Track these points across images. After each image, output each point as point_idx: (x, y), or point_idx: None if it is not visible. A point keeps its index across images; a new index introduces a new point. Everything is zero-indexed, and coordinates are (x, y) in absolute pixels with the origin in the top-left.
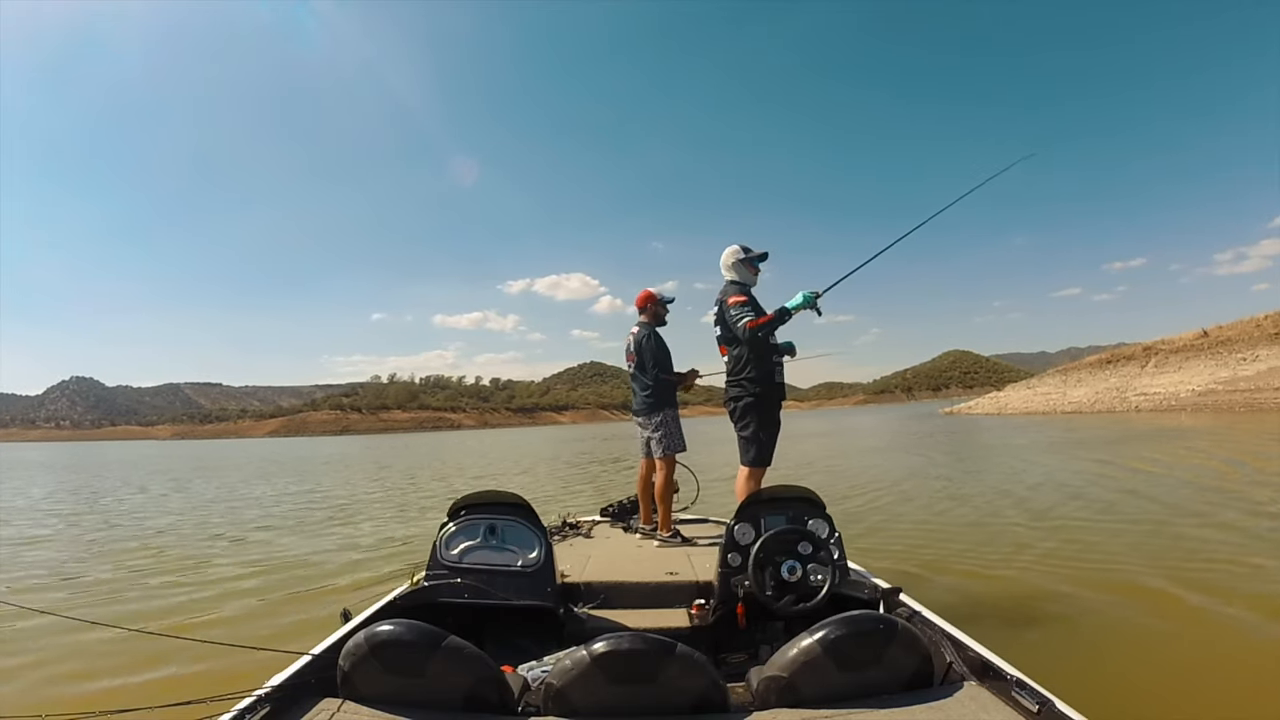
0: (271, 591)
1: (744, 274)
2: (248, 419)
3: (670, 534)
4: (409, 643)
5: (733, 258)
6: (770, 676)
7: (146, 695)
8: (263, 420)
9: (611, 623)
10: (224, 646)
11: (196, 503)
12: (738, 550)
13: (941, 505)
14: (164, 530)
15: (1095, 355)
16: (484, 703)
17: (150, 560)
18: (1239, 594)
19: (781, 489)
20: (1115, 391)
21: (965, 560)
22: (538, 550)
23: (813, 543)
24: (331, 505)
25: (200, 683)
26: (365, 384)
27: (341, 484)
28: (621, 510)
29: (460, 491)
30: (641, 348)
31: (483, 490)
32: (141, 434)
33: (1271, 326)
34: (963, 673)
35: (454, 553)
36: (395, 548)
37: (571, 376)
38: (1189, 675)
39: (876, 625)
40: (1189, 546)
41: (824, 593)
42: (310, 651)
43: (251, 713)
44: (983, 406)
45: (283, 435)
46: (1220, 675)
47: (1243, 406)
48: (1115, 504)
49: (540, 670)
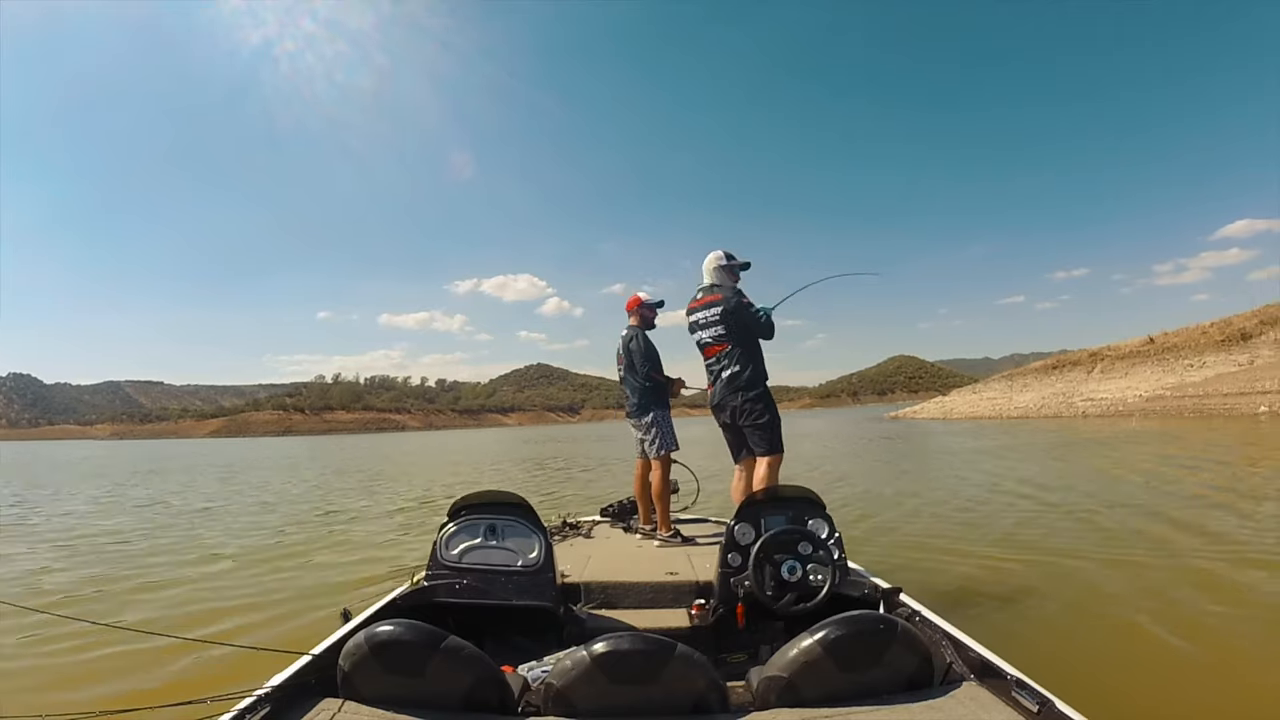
0: (271, 591)
1: (725, 280)
2: (189, 418)
3: (670, 534)
4: (409, 643)
5: (715, 263)
6: (770, 676)
7: (146, 695)
8: (204, 420)
9: (611, 623)
10: (224, 646)
11: (193, 505)
12: (738, 550)
13: (941, 510)
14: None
15: (1041, 361)
16: (484, 703)
17: (147, 560)
18: (1238, 595)
19: (781, 489)
20: (1062, 396)
21: (962, 561)
22: (538, 550)
23: (813, 543)
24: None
25: (200, 683)
26: (309, 384)
27: (313, 486)
28: (621, 510)
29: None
30: (631, 350)
31: (482, 490)
32: (79, 433)
33: (1217, 334)
34: (963, 673)
35: (454, 553)
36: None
37: (518, 378)
38: (1188, 675)
39: (876, 625)
40: (1187, 547)
41: (824, 593)
42: (310, 651)
43: (251, 713)
44: (928, 411)
45: (224, 436)
46: (1220, 675)
47: (1192, 412)
48: (1113, 508)
49: (540, 670)
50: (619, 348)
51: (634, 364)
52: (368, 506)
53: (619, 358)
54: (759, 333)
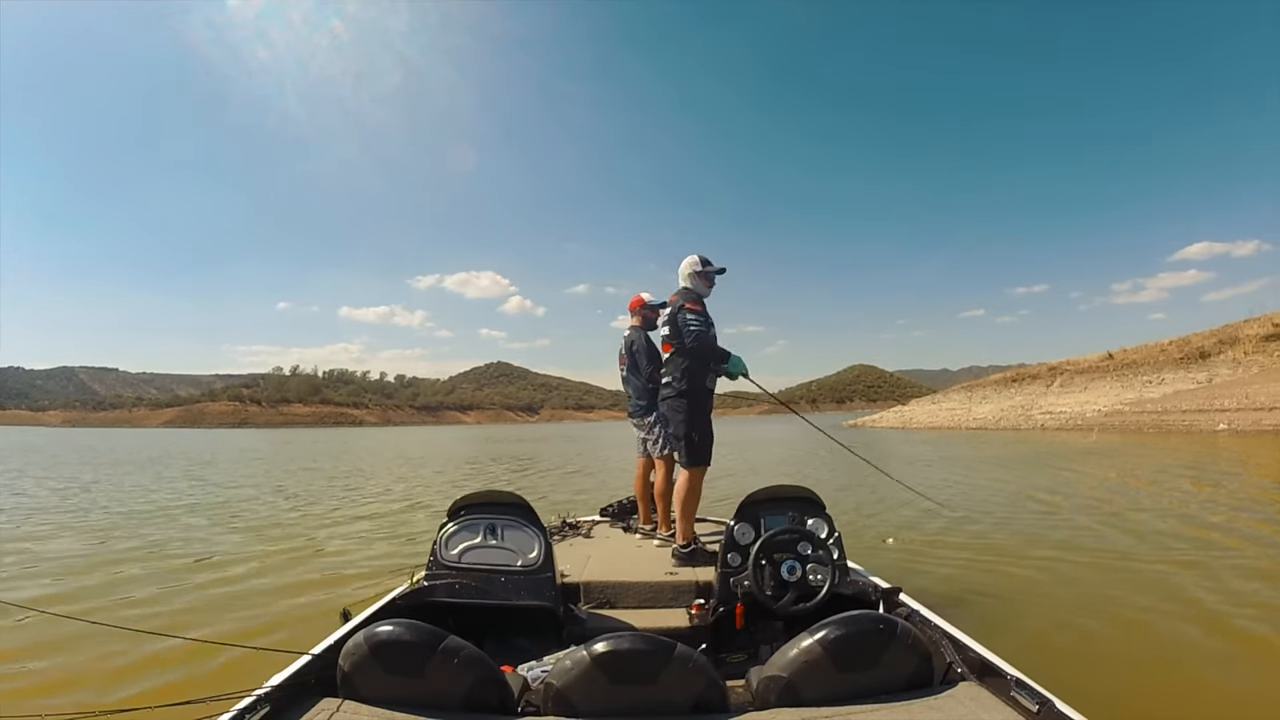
0: (270, 591)
1: (699, 285)
2: (143, 407)
3: (670, 533)
4: (409, 643)
5: (690, 268)
6: (770, 676)
7: (146, 695)
8: (158, 409)
9: (611, 622)
10: (224, 646)
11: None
12: (737, 550)
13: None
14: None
15: (1000, 374)
16: (484, 703)
17: (142, 558)
18: (1238, 596)
19: (781, 489)
20: (1021, 409)
21: (962, 562)
22: (538, 550)
23: (812, 542)
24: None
25: (200, 683)
26: (267, 375)
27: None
28: (621, 510)
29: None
30: (634, 351)
31: (482, 490)
32: (31, 419)
33: (1176, 351)
34: (963, 673)
35: (454, 553)
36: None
37: (478, 376)
38: (1188, 675)
39: (876, 625)
40: (1185, 548)
41: (824, 592)
42: (310, 651)
43: (251, 713)
44: (887, 420)
45: (179, 426)
46: (1219, 675)
47: (1151, 427)
48: (1118, 513)
49: (540, 670)
50: (621, 348)
51: (637, 365)
52: (358, 511)
53: (621, 358)
54: (684, 340)
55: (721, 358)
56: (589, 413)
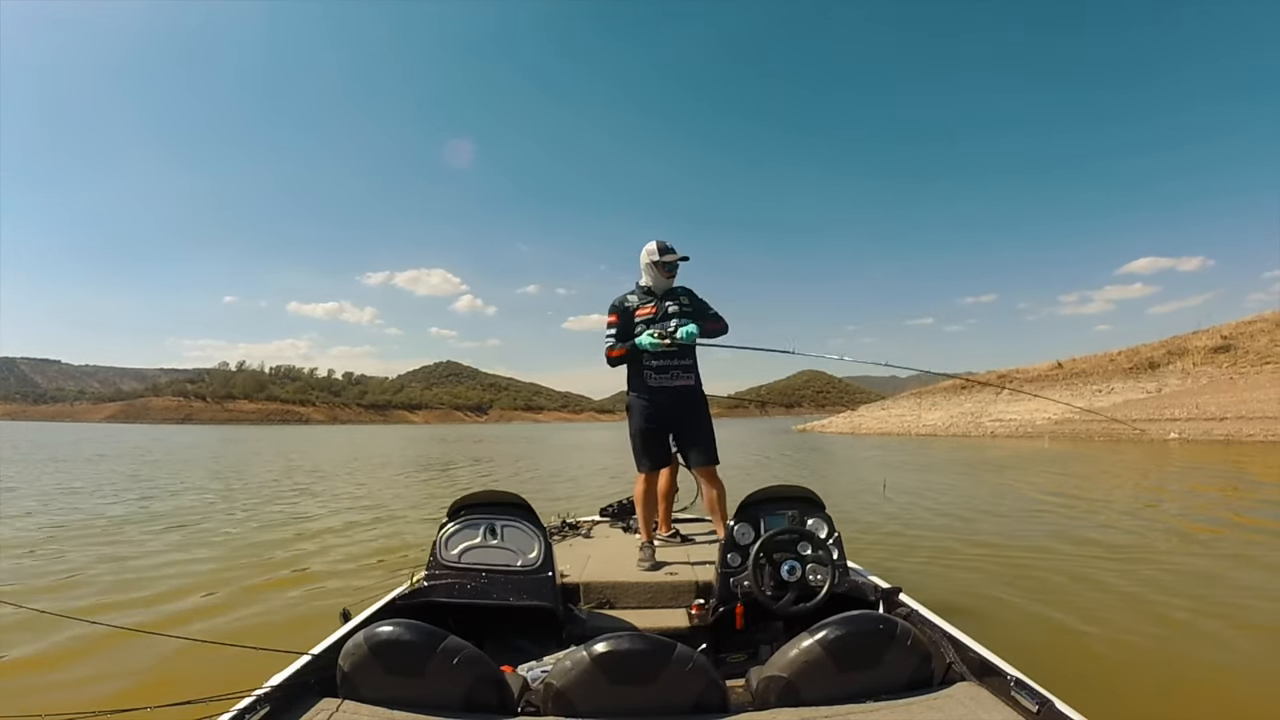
0: (270, 590)
1: (654, 276)
2: (85, 401)
3: (670, 533)
4: (408, 643)
5: (646, 258)
6: (770, 676)
7: (146, 695)
8: (100, 404)
9: (611, 622)
10: (224, 646)
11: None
12: (737, 550)
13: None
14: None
15: (949, 381)
16: (484, 703)
17: (138, 557)
18: (1239, 597)
19: (781, 489)
20: (970, 416)
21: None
22: (537, 550)
23: (812, 542)
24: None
25: (200, 683)
26: (212, 370)
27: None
28: (621, 510)
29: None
30: None
31: (482, 490)
32: None
33: (1125, 361)
34: (962, 672)
35: (454, 553)
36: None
37: (427, 375)
38: (1188, 675)
39: (876, 625)
40: (1182, 547)
41: (824, 592)
42: (310, 651)
43: (251, 713)
44: (836, 425)
45: (121, 421)
46: (1220, 676)
47: (1101, 436)
48: (1115, 513)
49: (540, 670)
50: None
51: None
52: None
53: None
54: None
55: (633, 358)
56: (538, 414)
